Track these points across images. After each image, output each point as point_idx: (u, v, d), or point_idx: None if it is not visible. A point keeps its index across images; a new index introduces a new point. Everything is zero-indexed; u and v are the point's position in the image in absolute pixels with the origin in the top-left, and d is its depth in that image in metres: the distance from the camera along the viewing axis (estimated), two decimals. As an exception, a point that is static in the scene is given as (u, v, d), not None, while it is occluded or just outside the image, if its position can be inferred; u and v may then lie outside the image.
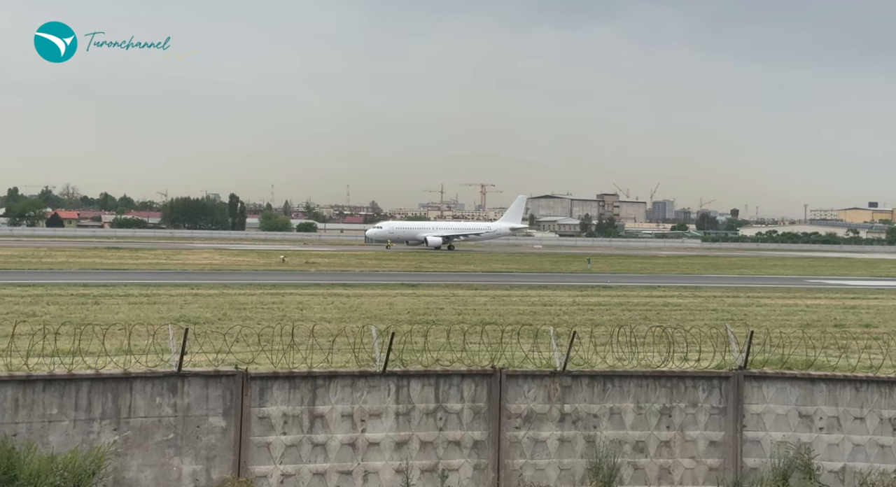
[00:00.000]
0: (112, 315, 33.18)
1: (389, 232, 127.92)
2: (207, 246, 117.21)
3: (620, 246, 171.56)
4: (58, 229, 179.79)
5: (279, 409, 15.30)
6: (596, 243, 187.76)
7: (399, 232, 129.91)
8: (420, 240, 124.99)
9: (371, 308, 39.66)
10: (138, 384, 14.71)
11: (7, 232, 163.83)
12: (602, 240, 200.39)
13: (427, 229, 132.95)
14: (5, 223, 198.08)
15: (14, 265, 64.72)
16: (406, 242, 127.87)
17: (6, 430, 13.67)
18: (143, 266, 69.47)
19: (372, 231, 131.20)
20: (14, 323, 21.58)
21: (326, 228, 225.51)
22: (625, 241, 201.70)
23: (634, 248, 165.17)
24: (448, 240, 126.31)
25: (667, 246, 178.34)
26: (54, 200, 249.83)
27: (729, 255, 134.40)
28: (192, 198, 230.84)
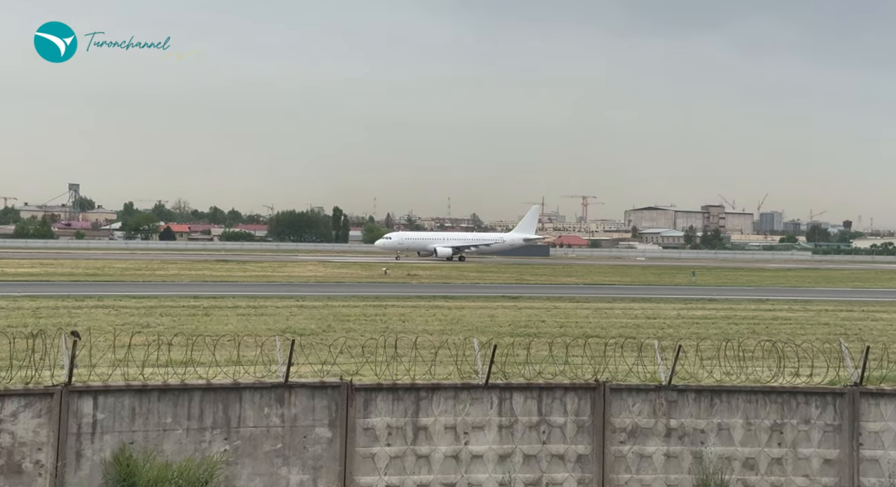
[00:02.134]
0: (222, 326, 34.06)
1: (399, 242, 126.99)
2: (312, 258, 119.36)
3: (726, 259, 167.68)
4: (170, 242, 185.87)
5: (383, 420, 15.44)
6: (701, 255, 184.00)
7: (409, 242, 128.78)
8: (430, 251, 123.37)
9: (472, 320, 39.71)
10: (247, 394, 15.05)
11: (123, 245, 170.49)
12: (707, 253, 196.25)
13: (437, 240, 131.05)
14: (121, 236, 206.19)
15: (130, 277, 67.17)
16: (418, 253, 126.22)
17: (124, 438, 14.17)
18: (250, 278, 71.18)
19: (381, 242, 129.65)
20: (130, 334, 22.36)
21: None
22: (731, 253, 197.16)
23: (741, 260, 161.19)
24: (458, 250, 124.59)
25: (775, 259, 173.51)
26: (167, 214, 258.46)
27: (841, 268, 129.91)
28: (297, 212, 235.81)
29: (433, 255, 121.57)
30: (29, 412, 13.82)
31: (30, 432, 13.79)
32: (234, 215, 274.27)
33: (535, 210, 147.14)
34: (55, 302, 42.27)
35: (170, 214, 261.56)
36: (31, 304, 40.96)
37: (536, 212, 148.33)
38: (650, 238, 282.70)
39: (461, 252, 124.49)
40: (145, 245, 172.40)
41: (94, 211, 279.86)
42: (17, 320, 34.16)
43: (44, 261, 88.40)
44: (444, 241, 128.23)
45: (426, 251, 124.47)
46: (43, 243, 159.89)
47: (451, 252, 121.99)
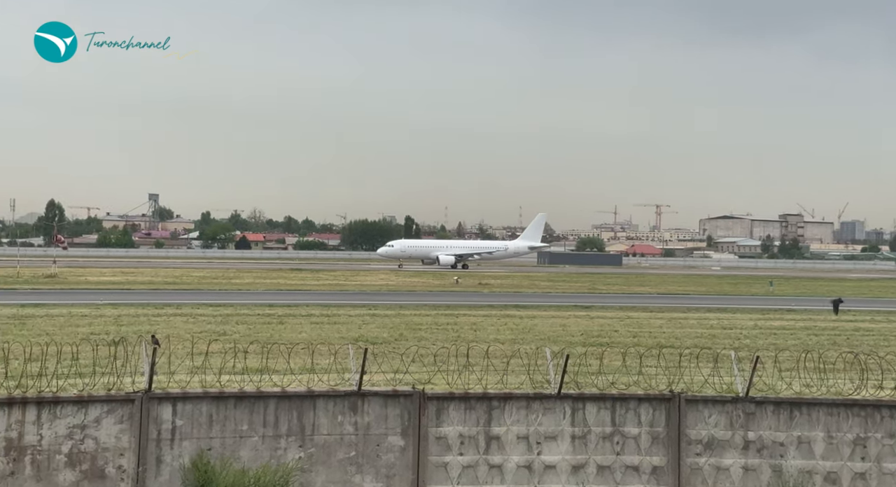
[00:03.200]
0: (296, 334, 34.47)
1: (401, 250, 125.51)
2: (384, 267, 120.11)
3: (805, 269, 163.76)
4: (245, 251, 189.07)
5: (455, 430, 15.44)
6: (778, 265, 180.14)
7: (411, 250, 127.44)
8: (434, 259, 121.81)
9: (544, 329, 39.49)
10: (321, 402, 15.20)
11: (200, 253, 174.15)
12: (785, 262, 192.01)
13: (440, 248, 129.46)
14: (199, 245, 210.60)
15: (207, 285, 68.50)
16: (422, 261, 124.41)
17: (202, 444, 14.43)
18: (323, 287, 71.93)
19: (383, 249, 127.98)
20: (208, 342, 22.81)
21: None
22: (810, 263, 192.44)
23: (821, 270, 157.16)
24: (461, 258, 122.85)
25: (857, 269, 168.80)
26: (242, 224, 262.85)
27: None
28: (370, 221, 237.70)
29: (436, 263, 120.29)
30: (111, 418, 14.17)
31: (112, 437, 14.13)
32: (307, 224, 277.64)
33: (541, 217, 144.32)
34: (136, 310, 43.30)
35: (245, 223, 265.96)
36: (113, 312, 42.05)
37: (543, 219, 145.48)
38: (726, 247, 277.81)
39: (464, 260, 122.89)
40: (222, 254, 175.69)
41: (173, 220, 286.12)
42: (99, 327, 35.09)
43: (125, 270, 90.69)
44: (446, 249, 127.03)
45: (429, 259, 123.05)
46: (124, 252, 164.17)
47: (454, 260, 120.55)
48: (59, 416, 13.91)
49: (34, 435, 13.76)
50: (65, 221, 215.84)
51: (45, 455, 13.80)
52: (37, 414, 13.82)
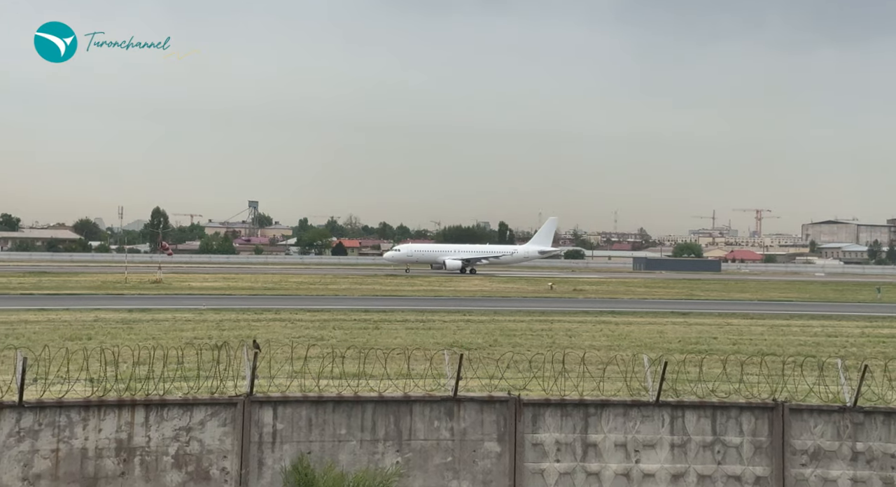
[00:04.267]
0: (391, 339, 34.80)
1: (407, 255, 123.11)
2: (478, 272, 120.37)
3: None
4: (342, 257, 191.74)
5: (552, 436, 15.35)
6: (887, 271, 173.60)
7: (418, 255, 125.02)
8: (441, 264, 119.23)
9: (641, 336, 38.99)
10: (417, 407, 15.30)
11: (298, 259, 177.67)
12: (894, 268, 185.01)
13: (448, 252, 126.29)
14: (297, 251, 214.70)
15: (304, 291, 69.76)
16: (430, 266, 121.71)
17: (302, 448, 14.69)
18: (418, 292, 72.47)
19: (389, 254, 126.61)
20: (306, 347, 23.21)
21: (594, 255, 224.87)
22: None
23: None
24: (468, 263, 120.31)
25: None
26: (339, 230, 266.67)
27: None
28: (464, 226, 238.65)
29: (443, 268, 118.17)
30: (215, 421, 14.53)
31: (216, 440, 14.49)
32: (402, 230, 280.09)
33: (552, 221, 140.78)
34: (236, 315, 44.36)
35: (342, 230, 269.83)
36: (215, 317, 43.17)
37: (554, 223, 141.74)
38: (830, 253, 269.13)
39: (471, 264, 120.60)
40: (319, 260, 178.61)
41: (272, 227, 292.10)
42: (202, 332, 36.07)
43: (226, 276, 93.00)
44: (454, 253, 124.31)
45: (437, 263, 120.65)
46: (225, 258, 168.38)
47: (461, 264, 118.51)
48: (166, 419, 14.34)
49: (143, 437, 14.21)
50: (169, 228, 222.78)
51: (153, 457, 14.23)
52: (145, 416, 14.27)
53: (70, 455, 13.86)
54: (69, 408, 13.98)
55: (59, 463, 13.81)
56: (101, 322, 39.59)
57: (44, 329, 35.90)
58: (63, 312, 43.79)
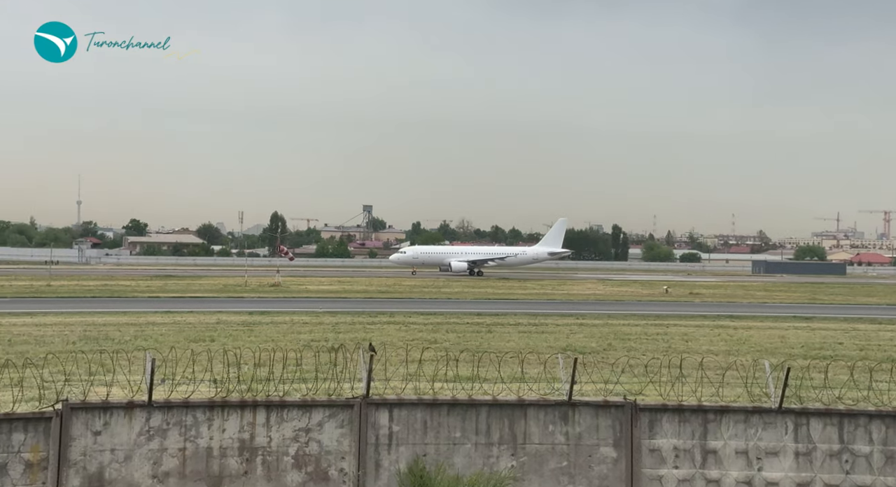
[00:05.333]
0: (504, 343, 34.79)
1: (413, 257, 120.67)
2: (591, 276, 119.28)
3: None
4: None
5: (669, 442, 15.08)
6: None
7: (424, 257, 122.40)
8: (447, 266, 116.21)
9: (761, 340, 37.92)
10: (532, 411, 15.26)
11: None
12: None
13: (454, 254, 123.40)
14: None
15: (417, 294, 70.44)
16: (439, 268, 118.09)
17: (417, 450, 14.84)
18: (530, 296, 72.29)
19: (395, 256, 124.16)
20: (420, 350, 23.40)
21: (711, 258, 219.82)
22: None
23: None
24: (475, 264, 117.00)
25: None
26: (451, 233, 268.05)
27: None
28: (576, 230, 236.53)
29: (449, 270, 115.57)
30: (333, 422, 14.82)
31: (334, 441, 14.78)
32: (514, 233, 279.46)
33: (561, 222, 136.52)
34: (352, 318, 45.12)
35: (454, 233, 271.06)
36: (332, 320, 44.01)
37: (563, 224, 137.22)
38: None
39: (478, 266, 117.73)
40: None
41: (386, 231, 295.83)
42: (319, 334, 36.83)
43: (341, 279, 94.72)
44: (460, 255, 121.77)
45: (444, 265, 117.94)
46: (341, 262, 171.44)
47: (467, 266, 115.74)
48: (286, 419, 14.70)
49: (264, 437, 14.60)
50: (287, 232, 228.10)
51: (274, 457, 14.61)
52: (266, 417, 14.66)
53: (196, 453, 14.36)
54: (195, 408, 14.48)
55: (186, 462, 14.32)
56: (224, 324, 40.85)
57: (170, 331, 37.27)
58: (187, 314, 45.38)
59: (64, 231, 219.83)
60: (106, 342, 32.05)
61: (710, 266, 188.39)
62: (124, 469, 14.07)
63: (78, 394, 15.38)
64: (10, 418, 13.84)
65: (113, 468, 14.04)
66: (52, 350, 27.54)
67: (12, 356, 26.04)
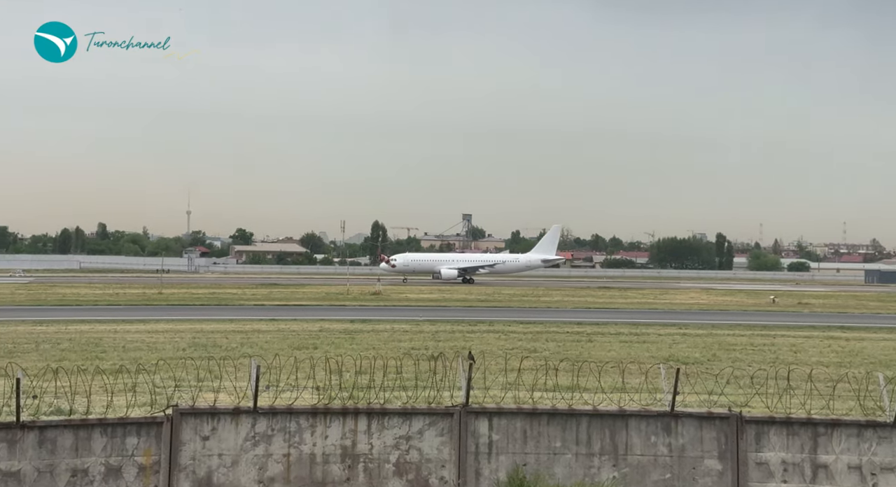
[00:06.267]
0: (605, 352, 34.39)
1: (404, 264, 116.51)
2: (694, 285, 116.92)
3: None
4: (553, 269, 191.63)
5: (777, 456, 14.68)
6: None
7: (415, 264, 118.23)
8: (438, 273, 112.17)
9: (875, 352, 36.55)
10: (633, 421, 15.07)
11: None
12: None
13: (445, 261, 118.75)
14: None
15: (517, 303, 70.32)
16: (432, 276, 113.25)
17: (517, 460, 14.81)
18: (631, 305, 71.31)
19: (385, 264, 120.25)
20: (520, 359, 23.35)
21: (820, 267, 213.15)
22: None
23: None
24: (465, 272, 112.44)
25: None
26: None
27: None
28: (679, 238, 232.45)
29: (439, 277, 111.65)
30: (433, 430, 14.92)
31: (434, 449, 14.87)
32: (615, 242, 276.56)
33: (556, 229, 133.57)
34: (451, 327, 45.28)
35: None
36: (431, 328, 44.25)
37: (557, 231, 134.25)
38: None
39: (468, 273, 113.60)
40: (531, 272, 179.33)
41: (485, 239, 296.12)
42: (419, 342, 37.08)
43: (441, 288, 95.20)
44: (451, 263, 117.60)
45: (436, 273, 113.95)
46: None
47: (457, 273, 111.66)
48: (387, 427, 14.86)
49: (365, 444, 14.79)
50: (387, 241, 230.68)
51: (376, 464, 14.78)
52: (367, 424, 14.85)
53: (300, 459, 14.64)
54: (298, 415, 14.78)
55: (290, 468, 14.62)
56: (326, 332, 41.52)
57: (274, 338, 38.08)
58: (291, 322, 46.29)
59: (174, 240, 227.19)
60: (214, 349, 32.96)
61: (820, 275, 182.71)
62: (231, 473, 14.43)
63: (187, 400, 15.87)
64: (125, 422, 14.37)
65: (220, 472, 14.42)
66: (164, 356, 28.43)
67: (126, 362, 27.08)
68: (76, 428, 14.09)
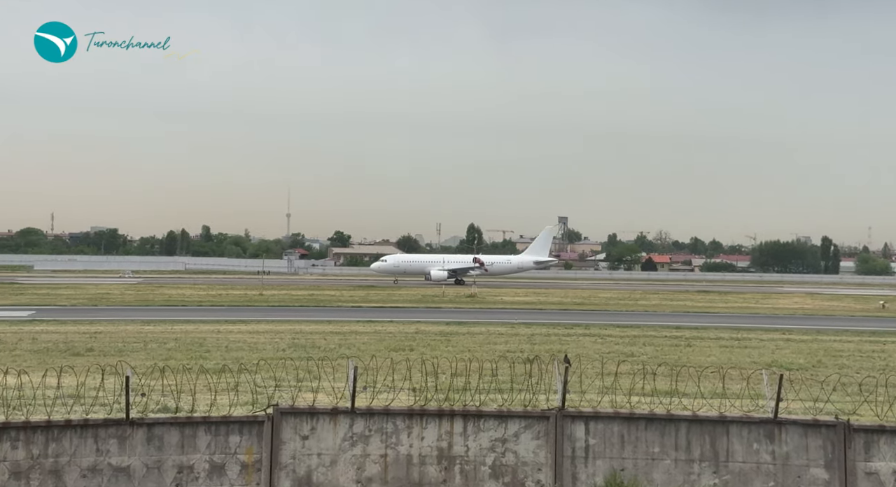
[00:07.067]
0: (704, 357, 33.78)
1: (394, 265, 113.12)
2: (798, 290, 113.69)
3: None
4: (651, 273, 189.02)
5: (889, 466, 14.19)
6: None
7: (405, 265, 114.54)
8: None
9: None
10: (734, 428, 14.75)
11: (607, 275, 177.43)
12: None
13: (436, 263, 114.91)
14: (606, 267, 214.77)
15: (613, 307, 69.52)
16: (425, 277, 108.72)
17: (614, 464, 14.66)
18: (732, 309, 69.75)
19: (376, 264, 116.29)
20: (616, 363, 23.09)
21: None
22: None
23: None
24: (455, 274, 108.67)
25: None
26: (648, 245, 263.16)
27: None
28: (782, 242, 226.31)
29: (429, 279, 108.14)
30: (529, 433, 14.88)
31: (530, 452, 14.83)
32: (714, 246, 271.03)
33: (548, 231, 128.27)
34: (547, 330, 45.09)
35: (651, 245, 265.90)
36: (526, 331, 44.15)
37: (550, 233, 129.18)
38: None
39: (458, 274, 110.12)
40: (628, 275, 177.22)
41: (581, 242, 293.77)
42: (514, 345, 37.05)
43: (536, 291, 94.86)
44: (442, 264, 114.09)
45: (427, 274, 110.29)
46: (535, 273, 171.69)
47: (447, 275, 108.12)
48: (483, 429, 14.88)
49: (461, 446, 14.84)
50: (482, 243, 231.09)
51: (472, 466, 14.82)
52: (463, 426, 14.90)
53: (397, 460, 14.78)
54: (395, 416, 14.92)
55: (387, 468, 14.77)
56: (422, 334, 41.83)
57: (371, 339, 38.55)
58: (388, 324, 46.78)
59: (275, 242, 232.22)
60: (312, 349, 33.56)
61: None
62: (330, 473, 14.66)
63: (287, 399, 16.20)
64: (228, 420, 14.75)
65: (320, 472, 14.66)
66: (264, 356, 29.10)
67: (229, 361, 27.79)
68: (182, 426, 14.53)
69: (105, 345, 34.35)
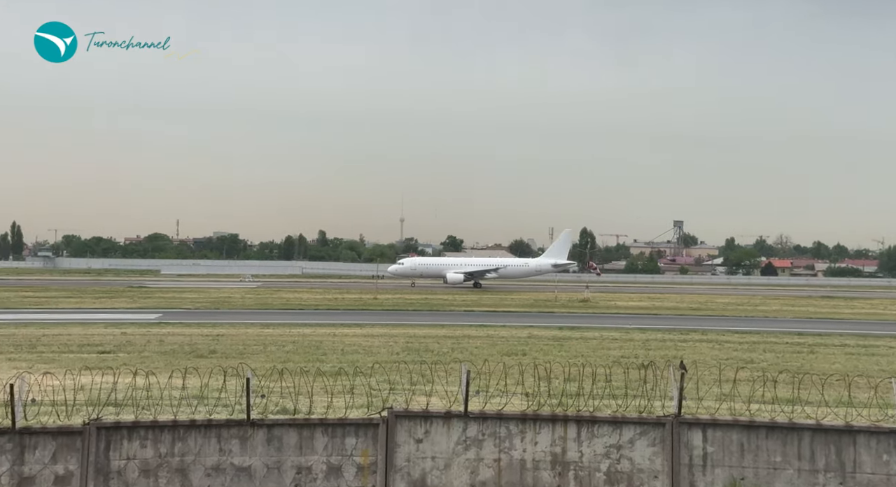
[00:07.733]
0: (828, 365, 32.63)
1: (411, 268, 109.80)
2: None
3: None
4: (771, 277, 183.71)
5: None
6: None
7: (422, 268, 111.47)
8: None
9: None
10: (862, 438, 14.21)
11: (725, 280, 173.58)
12: None
13: (453, 265, 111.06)
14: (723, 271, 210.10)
15: (731, 312, 67.72)
16: (443, 280, 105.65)
17: (734, 473, 14.30)
18: (858, 315, 67.14)
19: (394, 267, 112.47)
20: (735, 369, 22.54)
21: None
22: None
23: None
24: (472, 276, 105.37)
25: None
26: (768, 250, 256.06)
27: None
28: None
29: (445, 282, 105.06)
30: (644, 440, 14.65)
31: (646, 459, 14.60)
32: (839, 250, 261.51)
33: (566, 234, 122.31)
34: (662, 335, 44.32)
35: (771, 249, 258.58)
36: (641, 336, 43.50)
37: (569, 236, 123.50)
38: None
39: (475, 277, 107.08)
40: (747, 280, 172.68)
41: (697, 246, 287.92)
42: (629, 351, 36.55)
43: (651, 295, 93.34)
44: (459, 267, 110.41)
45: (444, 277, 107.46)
46: (650, 278, 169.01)
47: (463, 278, 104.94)
48: (597, 435, 14.73)
49: (575, 452, 14.73)
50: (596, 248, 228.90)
51: (586, 472, 14.69)
52: (577, 432, 14.78)
53: (510, 465, 14.77)
54: (508, 420, 14.92)
55: (501, 473, 14.78)
56: (534, 338, 41.70)
57: (483, 344, 38.64)
58: (500, 328, 46.83)
59: (388, 247, 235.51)
60: (425, 353, 33.86)
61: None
62: (444, 476, 14.76)
63: (401, 402, 16.39)
64: (344, 423, 15.02)
65: (434, 475, 14.77)
66: (379, 359, 29.54)
67: (345, 365, 28.33)
68: (300, 427, 14.86)
69: (227, 348, 35.44)
